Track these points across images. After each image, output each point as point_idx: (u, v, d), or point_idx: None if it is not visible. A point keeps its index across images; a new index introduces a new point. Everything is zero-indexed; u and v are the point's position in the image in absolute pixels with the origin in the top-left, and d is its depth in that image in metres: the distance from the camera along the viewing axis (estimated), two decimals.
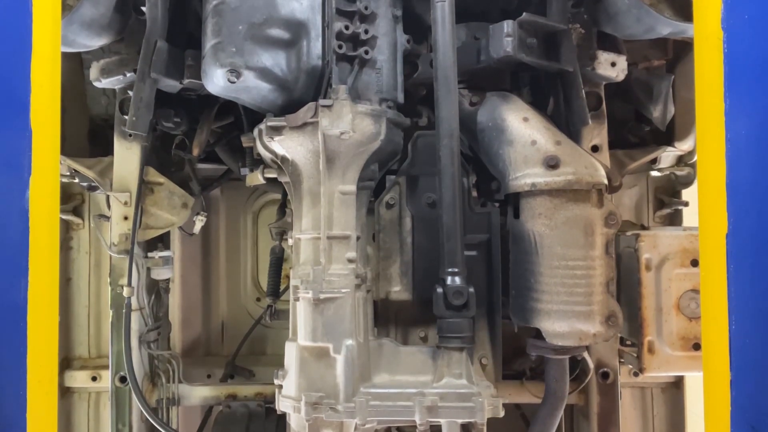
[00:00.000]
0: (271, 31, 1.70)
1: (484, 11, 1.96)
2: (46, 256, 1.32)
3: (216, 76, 1.69)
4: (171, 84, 1.93)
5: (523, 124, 1.83)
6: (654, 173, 2.74)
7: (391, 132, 1.78)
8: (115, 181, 2.22)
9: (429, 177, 1.87)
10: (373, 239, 1.92)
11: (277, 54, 1.72)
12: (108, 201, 2.26)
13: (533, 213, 1.78)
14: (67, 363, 2.69)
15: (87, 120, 2.60)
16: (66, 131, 2.32)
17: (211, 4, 1.72)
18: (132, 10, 1.99)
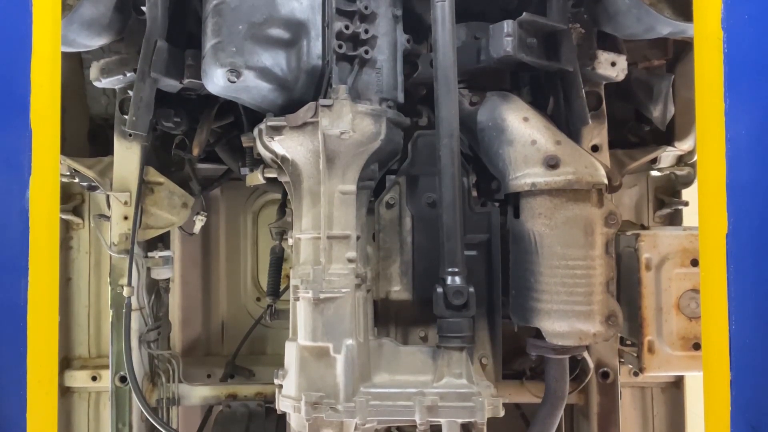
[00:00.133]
0: (271, 31, 1.70)
1: (484, 11, 1.95)
2: (46, 256, 1.32)
3: (216, 75, 1.69)
4: (171, 84, 1.92)
5: (523, 123, 1.83)
6: (654, 173, 2.74)
7: (391, 132, 1.78)
8: (115, 181, 2.22)
9: (429, 177, 1.87)
10: (373, 239, 1.92)
11: (277, 54, 1.72)
12: (108, 201, 2.26)
13: (533, 213, 1.78)
14: (67, 363, 2.69)
15: (87, 120, 2.60)
16: (66, 131, 2.32)
17: (211, 3, 1.72)
18: (132, 9, 1.99)
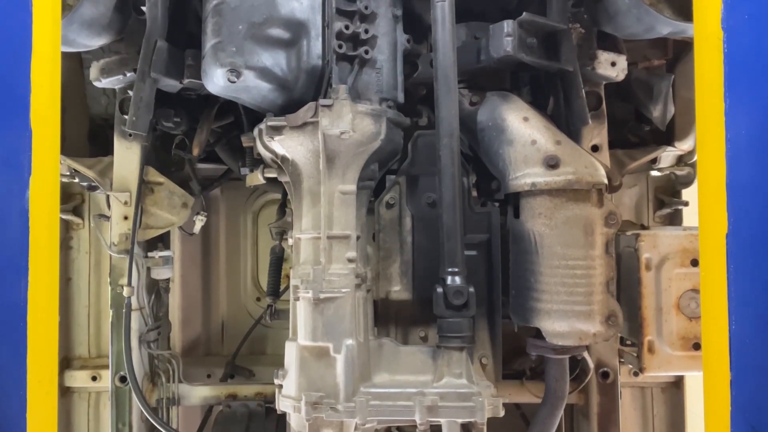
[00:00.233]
0: (271, 31, 1.70)
1: (484, 11, 1.95)
2: (46, 256, 1.32)
3: (216, 75, 1.69)
4: (171, 84, 1.92)
5: (523, 123, 1.83)
6: (654, 173, 2.74)
7: (391, 132, 1.78)
8: (115, 181, 2.23)
9: (429, 177, 1.87)
10: (373, 239, 1.92)
11: (277, 54, 1.72)
12: (108, 201, 2.26)
13: (533, 213, 1.78)
14: (67, 363, 2.69)
15: (87, 120, 2.60)
16: (66, 131, 2.32)
17: (211, 3, 1.72)
18: (132, 9, 1.99)
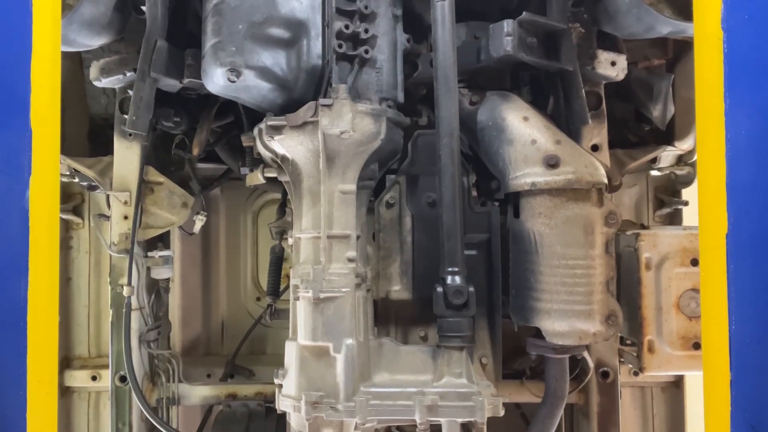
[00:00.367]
0: (271, 31, 1.70)
1: (484, 10, 1.95)
2: (46, 255, 1.32)
3: (216, 75, 1.69)
4: (171, 83, 1.92)
5: (523, 123, 1.83)
6: (654, 172, 2.74)
7: (391, 131, 1.78)
8: (115, 181, 2.23)
9: (429, 176, 1.87)
10: (373, 238, 1.92)
11: (277, 53, 1.72)
12: (108, 200, 2.26)
13: (533, 212, 1.78)
14: (67, 362, 2.69)
15: (87, 119, 2.60)
16: (66, 131, 2.31)
17: (211, 3, 1.72)
18: (132, 9, 1.99)
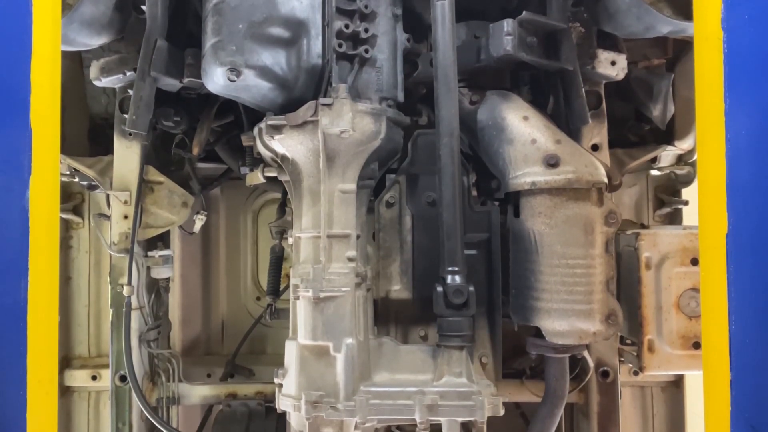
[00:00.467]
0: (271, 30, 1.70)
1: (484, 10, 1.95)
2: (46, 255, 1.32)
3: (216, 74, 1.68)
4: (171, 83, 1.92)
5: (523, 122, 1.83)
6: (654, 172, 2.74)
7: (391, 131, 1.78)
8: (115, 180, 2.22)
9: (429, 176, 1.87)
10: (373, 238, 1.92)
11: (277, 52, 1.72)
12: (108, 200, 2.26)
13: (533, 212, 1.78)
14: (67, 362, 2.69)
15: (87, 119, 2.60)
16: (66, 130, 2.31)
17: (211, 2, 1.72)
18: (132, 8, 1.98)
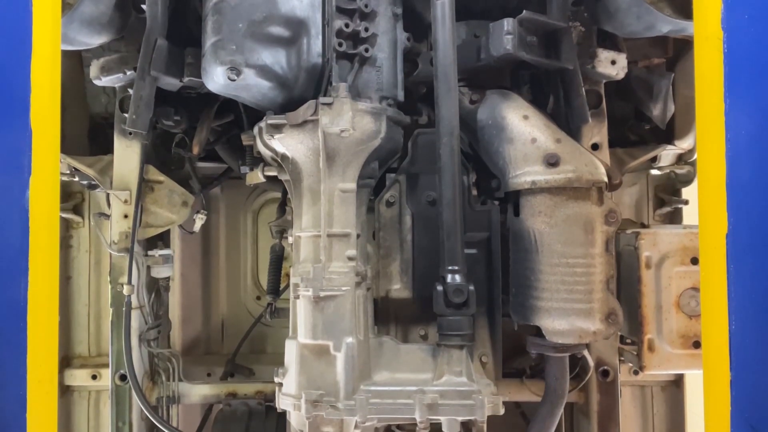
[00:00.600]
0: (271, 29, 1.70)
1: (484, 9, 1.95)
2: (46, 255, 1.32)
3: (216, 74, 1.68)
4: (171, 82, 1.92)
5: (523, 122, 1.83)
6: (654, 171, 2.74)
7: (391, 130, 1.78)
8: (115, 180, 2.23)
9: (429, 175, 1.87)
10: (374, 237, 1.92)
11: (277, 52, 1.72)
12: (108, 199, 2.26)
13: (533, 211, 1.78)
14: (67, 361, 2.69)
15: (87, 118, 2.60)
16: (66, 130, 2.31)
17: (212, 2, 1.72)
18: (132, 8, 1.98)
